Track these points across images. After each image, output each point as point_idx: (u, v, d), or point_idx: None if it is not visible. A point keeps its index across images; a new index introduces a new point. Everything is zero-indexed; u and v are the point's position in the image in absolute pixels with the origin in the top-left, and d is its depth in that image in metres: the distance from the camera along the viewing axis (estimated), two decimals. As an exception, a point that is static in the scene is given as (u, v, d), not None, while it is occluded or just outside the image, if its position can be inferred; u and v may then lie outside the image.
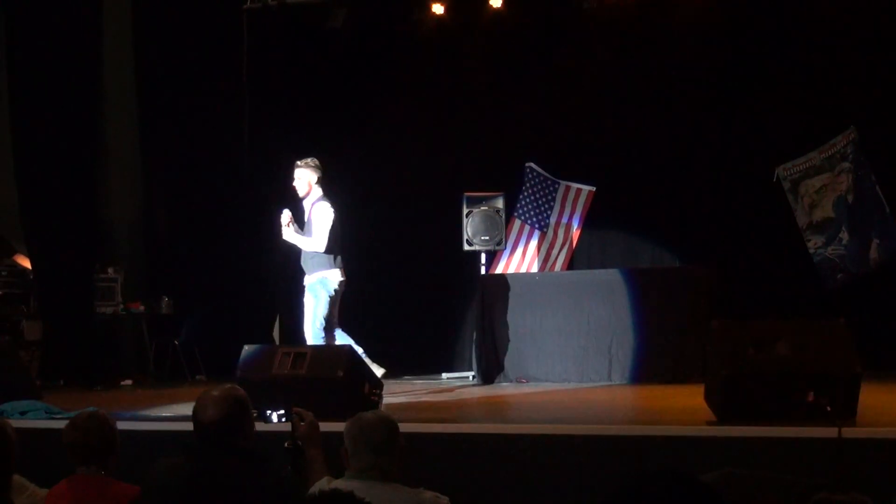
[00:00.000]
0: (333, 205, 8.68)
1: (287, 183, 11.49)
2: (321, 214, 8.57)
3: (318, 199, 8.65)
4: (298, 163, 8.71)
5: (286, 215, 8.56)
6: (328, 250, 8.55)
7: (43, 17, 10.20)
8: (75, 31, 10.43)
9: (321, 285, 8.58)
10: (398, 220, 11.67)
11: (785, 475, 3.81)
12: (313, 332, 8.47)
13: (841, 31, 10.18)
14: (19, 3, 10.33)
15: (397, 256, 11.63)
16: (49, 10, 10.22)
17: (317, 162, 8.75)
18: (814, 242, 10.31)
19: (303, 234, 8.63)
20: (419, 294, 11.61)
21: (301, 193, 8.71)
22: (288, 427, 4.36)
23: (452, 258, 10.89)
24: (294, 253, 8.95)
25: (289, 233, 8.56)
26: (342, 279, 8.65)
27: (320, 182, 8.74)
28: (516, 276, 10.81)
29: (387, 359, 9.53)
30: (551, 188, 11.45)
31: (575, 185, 11.36)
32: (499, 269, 11.19)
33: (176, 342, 11.08)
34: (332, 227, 8.59)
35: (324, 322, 8.48)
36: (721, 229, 10.64)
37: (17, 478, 4.33)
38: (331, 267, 8.60)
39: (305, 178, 8.66)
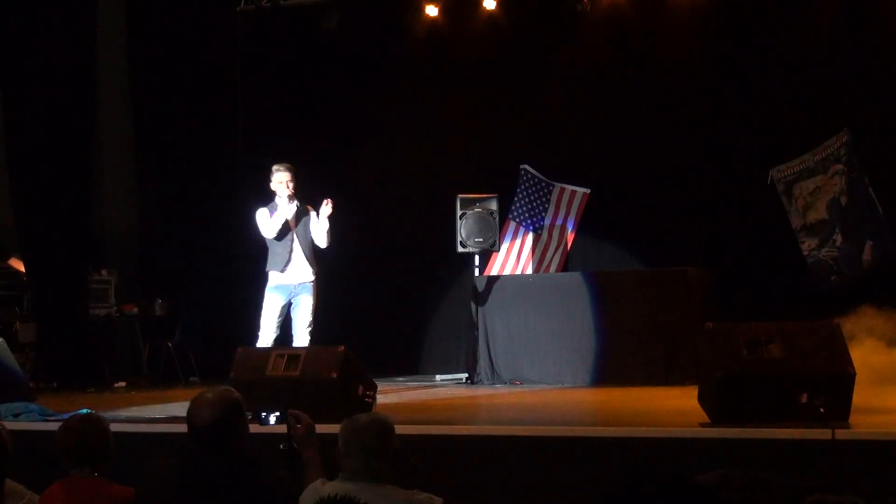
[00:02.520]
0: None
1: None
2: (324, 212, 8.56)
3: (305, 200, 8.66)
4: (282, 167, 8.64)
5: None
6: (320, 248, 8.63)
7: (36, 19, 10.18)
8: (69, 34, 10.40)
9: (317, 284, 8.62)
10: (392, 221, 11.66)
11: (779, 476, 3.81)
12: (308, 333, 8.44)
13: (834, 33, 10.19)
14: (13, 6, 10.30)
15: (391, 258, 11.62)
16: (43, 13, 10.20)
17: None
18: (808, 244, 10.32)
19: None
20: (413, 295, 11.60)
21: (291, 192, 8.60)
22: (283, 429, 4.35)
23: (446, 260, 10.89)
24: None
25: (325, 220, 8.54)
26: None
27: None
28: (510, 277, 10.81)
29: (381, 360, 9.54)
30: (546, 190, 11.46)
31: (570, 188, 11.36)
32: (493, 271, 11.18)
33: (170, 344, 11.08)
34: None
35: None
36: (715, 231, 10.64)
37: (13, 484, 4.31)
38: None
39: (293, 181, 8.61)
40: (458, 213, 10.49)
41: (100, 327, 10.80)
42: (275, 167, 8.66)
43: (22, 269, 10.44)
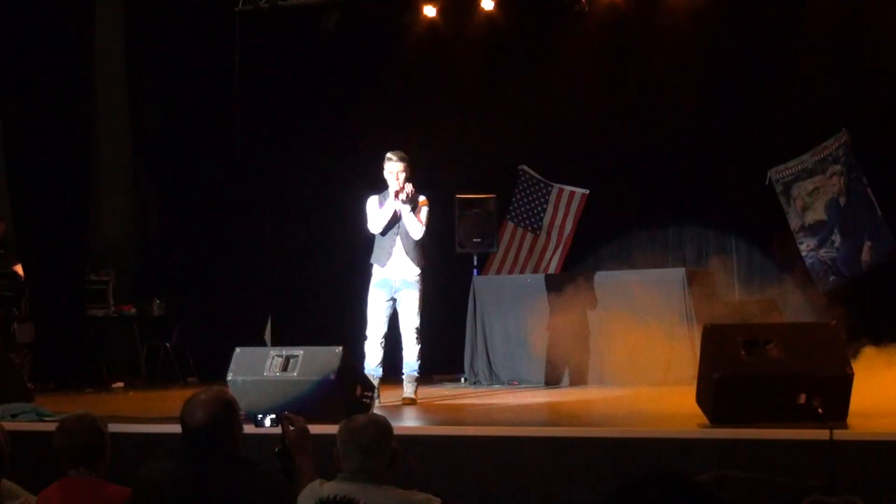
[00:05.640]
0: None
1: (278, 184, 11.47)
2: (424, 204, 8.10)
3: (417, 191, 8.12)
4: (393, 156, 8.10)
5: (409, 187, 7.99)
6: (424, 242, 8.13)
7: (34, 20, 10.18)
8: (67, 34, 10.41)
9: (423, 280, 8.11)
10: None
11: (776, 477, 3.81)
12: (418, 332, 8.03)
13: (832, 33, 10.20)
14: (10, 7, 10.29)
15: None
16: (40, 14, 10.20)
17: None
18: (806, 245, 10.33)
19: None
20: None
21: (402, 185, 8.03)
22: (277, 431, 4.34)
23: (444, 260, 10.88)
24: (295, 255, 8.81)
25: (407, 208, 8.01)
26: None
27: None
28: (508, 278, 10.81)
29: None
30: (544, 191, 11.46)
31: (568, 188, 11.37)
32: (491, 272, 11.18)
33: (167, 344, 11.07)
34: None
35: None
36: (714, 231, 10.65)
37: (9, 484, 4.31)
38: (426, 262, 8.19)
39: (405, 171, 8.07)
40: (457, 213, 10.49)
41: (97, 328, 10.80)
42: (387, 155, 8.14)
43: (20, 271, 10.44)
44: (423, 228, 8.07)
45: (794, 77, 10.36)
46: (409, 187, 8.00)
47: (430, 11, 11.38)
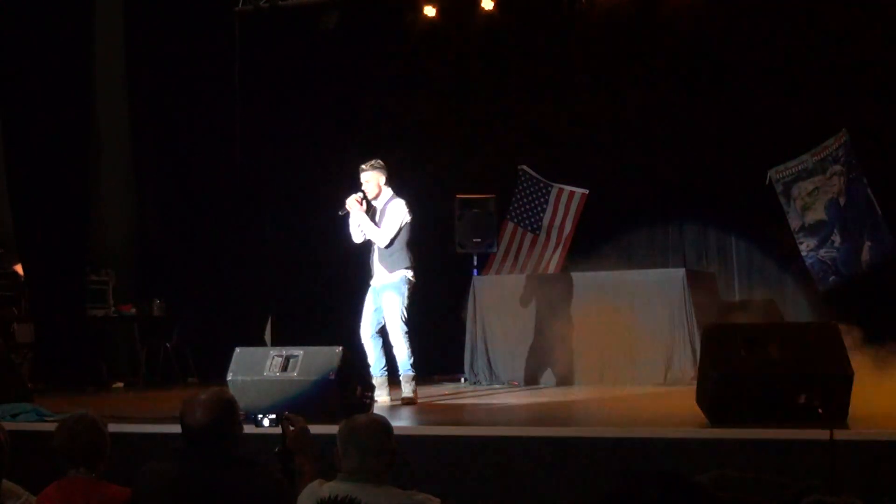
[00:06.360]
0: (408, 204, 8.33)
1: (279, 182, 11.46)
2: (396, 210, 8.23)
3: (393, 197, 8.30)
4: (364, 166, 8.25)
5: (356, 197, 8.17)
6: (391, 245, 8.22)
7: (33, 19, 10.17)
8: (66, 35, 10.40)
9: (404, 283, 8.27)
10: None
11: (776, 477, 3.80)
12: (402, 334, 8.21)
13: (833, 33, 10.20)
14: (9, 6, 10.29)
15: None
16: (40, 13, 10.19)
17: (381, 163, 8.33)
18: (806, 245, 10.33)
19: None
20: (411, 296, 11.57)
21: (371, 195, 8.25)
22: (278, 431, 4.34)
23: (444, 260, 10.89)
24: (295, 255, 8.83)
25: (361, 214, 8.17)
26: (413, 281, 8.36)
27: (388, 183, 8.34)
28: (508, 278, 10.80)
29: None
30: (544, 191, 11.46)
31: (568, 188, 11.37)
32: (491, 272, 11.18)
33: (167, 345, 11.07)
34: (403, 225, 8.26)
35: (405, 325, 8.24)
36: (714, 231, 10.65)
37: (9, 484, 4.31)
38: (411, 265, 8.32)
39: (374, 180, 8.23)
40: (457, 213, 10.49)
41: (97, 328, 10.78)
42: (360, 167, 8.32)
43: (20, 271, 10.44)
44: (388, 235, 8.21)
45: (794, 77, 10.36)
46: (350, 202, 8.17)
47: (430, 11, 11.38)
